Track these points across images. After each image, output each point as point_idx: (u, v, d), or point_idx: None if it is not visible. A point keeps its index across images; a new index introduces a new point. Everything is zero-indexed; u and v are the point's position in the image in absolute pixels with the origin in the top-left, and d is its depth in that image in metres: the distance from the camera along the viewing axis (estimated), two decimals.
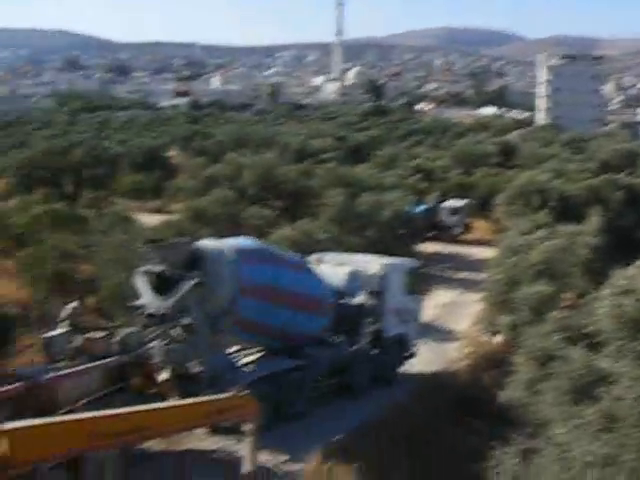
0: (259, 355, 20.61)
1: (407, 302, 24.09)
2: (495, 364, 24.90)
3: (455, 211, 46.06)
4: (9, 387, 13.79)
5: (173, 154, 67.95)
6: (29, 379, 14.30)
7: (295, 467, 16.35)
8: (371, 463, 16.85)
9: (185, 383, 18.25)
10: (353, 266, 22.79)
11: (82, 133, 74.01)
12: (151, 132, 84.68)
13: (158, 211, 46.77)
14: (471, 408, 22.11)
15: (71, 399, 14.86)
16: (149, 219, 37.07)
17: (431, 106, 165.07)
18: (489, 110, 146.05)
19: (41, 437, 11.99)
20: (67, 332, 16.51)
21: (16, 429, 11.59)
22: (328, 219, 34.41)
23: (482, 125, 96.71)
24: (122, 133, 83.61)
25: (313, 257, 23.56)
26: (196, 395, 16.99)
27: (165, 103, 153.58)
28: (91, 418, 13.02)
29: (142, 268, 18.92)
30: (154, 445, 17.12)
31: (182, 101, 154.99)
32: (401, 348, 24.09)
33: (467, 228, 46.68)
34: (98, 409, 14.12)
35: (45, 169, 50.18)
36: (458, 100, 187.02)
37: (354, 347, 22.36)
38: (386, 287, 23.24)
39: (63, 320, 16.97)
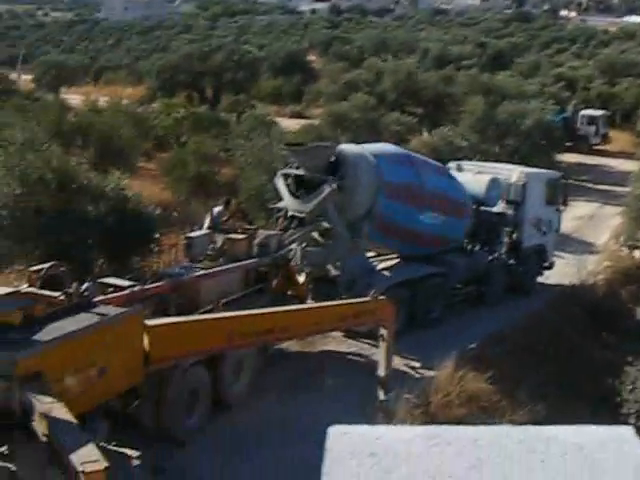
0: (396, 261, 20.44)
1: (546, 213, 23.36)
2: (633, 279, 24.23)
3: (592, 120, 44.43)
4: (154, 285, 14.03)
5: (312, 59, 67.49)
6: (173, 278, 14.52)
7: (429, 373, 16.23)
8: (504, 371, 16.63)
9: (322, 286, 18.33)
10: (493, 174, 22.17)
11: (222, 37, 74.27)
12: (290, 37, 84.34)
13: (297, 116, 46.69)
14: (606, 322, 21.60)
15: (212, 299, 15.04)
16: (288, 123, 37.05)
17: (575, 13, 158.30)
18: (636, 18, 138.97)
19: (181, 335, 12.21)
20: (209, 233, 16.66)
21: (158, 326, 11.82)
22: (468, 126, 33.64)
23: (628, 34, 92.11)
24: (262, 37, 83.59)
25: (452, 164, 23.05)
26: (333, 298, 17.05)
27: (305, 7, 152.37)
28: (231, 317, 13.19)
29: (282, 171, 18.90)
30: (290, 346, 17.32)
31: (322, 5, 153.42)
32: (539, 259, 23.48)
33: (604, 139, 45.03)
34: (237, 309, 14.30)
35: (186, 73, 50.61)
36: (603, 7, 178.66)
37: (492, 256, 21.97)
38: (526, 197, 22.55)
39: (209, 223, 17.14)
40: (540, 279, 23.54)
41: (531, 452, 2.81)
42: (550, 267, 23.81)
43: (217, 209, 18.04)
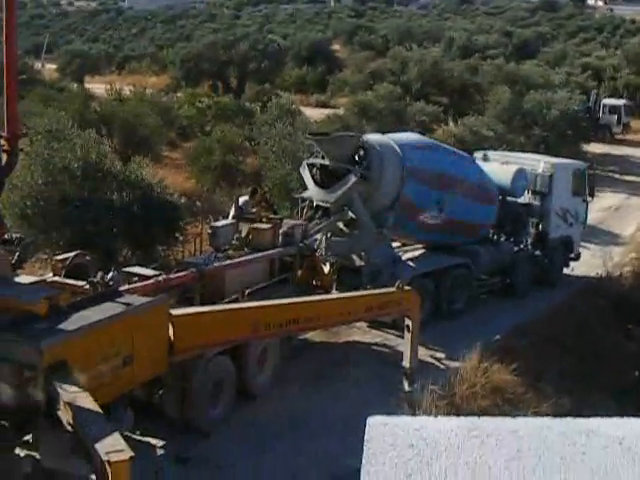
0: (421, 251, 20.37)
1: (573, 204, 23.19)
2: None
3: (614, 110, 44.13)
4: (178, 274, 14.03)
5: (337, 48, 67.35)
6: (198, 267, 14.52)
7: (453, 364, 16.17)
8: (529, 363, 16.55)
9: (347, 276, 18.31)
10: (519, 165, 22.02)
11: (246, 27, 74.29)
12: (315, 26, 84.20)
13: (322, 105, 46.62)
14: (632, 314, 21.44)
15: (236, 288, 15.03)
16: (313, 113, 37.00)
17: (602, 2, 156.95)
18: None
19: (206, 324, 12.21)
20: (233, 223, 16.64)
21: (183, 315, 11.82)
22: (494, 116, 33.50)
23: None
24: (286, 27, 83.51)
25: (478, 154, 22.92)
26: (358, 289, 17.01)
27: None
28: (255, 307, 13.17)
29: (307, 160, 18.85)
30: (315, 336, 17.31)
31: None
32: (565, 250, 23.32)
33: (626, 128, 44.75)
34: (262, 299, 14.29)
35: (210, 63, 50.58)
36: None
37: (518, 247, 21.84)
38: (552, 188, 22.38)
39: (234, 213, 17.14)
40: (566, 270, 23.39)
41: (571, 445, 2.77)
42: (576, 258, 23.65)
43: (243, 198, 18.01)
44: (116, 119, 28.80)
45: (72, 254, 13.04)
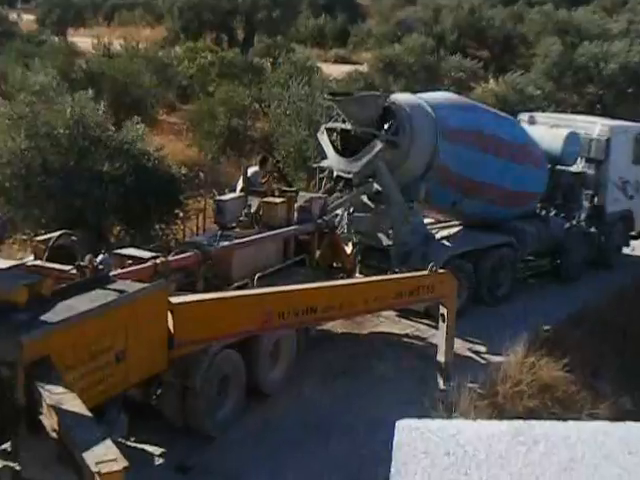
0: (458, 229, 20.34)
1: (634, 173, 23.06)
2: None
3: None
4: (179, 256, 14.04)
5: None
6: (201, 248, 14.53)
7: (495, 359, 16.16)
8: (583, 357, 16.52)
9: (373, 258, 18.35)
10: (571, 128, 21.90)
11: None
12: None
13: (343, 61, 46.51)
14: None
15: (246, 272, 15.04)
16: (333, 70, 36.90)
17: None
18: None
19: (211, 314, 12.21)
20: (242, 197, 16.64)
21: (184, 304, 11.82)
22: (541, 72, 33.34)
23: None
24: None
25: (523, 116, 22.81)
26: (385, 272, 17.01)
27: None
28: (268, 294, 13.17)
29: (326, 125, 18.82)
30: (335, 327, 17.32)
31: None
32: (624, 227, 23.24)
33: None
34: (275, 284, 14.29)
35: (212, 12, 50.41)
36: None
37: (569, 223, 21.76)
38: (610, 154, 22.27)
39: (242, 185, 17.14)
40: (625, 250, 23.31)
41: (633, 453, 2.74)
42: (638, 237, 23.57)
43: (252, 169, 18.00)
44: (105, 78, 28.85)
45: (56, 234, 13.05)
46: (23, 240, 17.10)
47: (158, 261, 13.34)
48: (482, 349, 17.07)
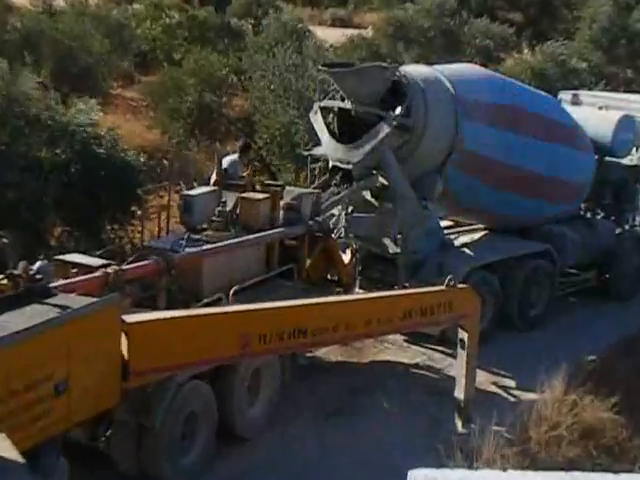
0: (482, 234, 20.37)
1: None
2: None
3: None
4: (136, 264, 14.01)
5: None
6: (163, 254, 14.50)
7: (527, 396, 16.18)
8: (636, 395, 16.52)
9: (377, 268, 18.37)
10: (624, 111, 21.94)
11: None
12: None
13: (342, 24, 46.60)
14: None
15: (219, 284, 15.03)
16: (329, 34, 36.94)
17: None
18: None
19: (175, 337, 12.19)
20: (215, 191, 16.64)
21: (142, 324, 11.80)
22: (588, 40, 33.40)
23: None
24: None
25: (565, 95, 22.84)
26: (392, 286, 17.01)
27: None
28: (246, 313, 13.16)
29: (321, 103, 18.81)
30: (330, 354, 17.33)
31: None
32: None
33: None
34: (255, 300, 14.29)
35: None
36: None
37: (621, 228, 21.79)
38: None
39: (216, 177, 17.13)
40: None
41: None
42: None
43: (230, 157, 17.99)
44: (45, 41, 28.79)
45: None
46: None
47: (110, 270, 13.32)
48: (511, 383, 17.09)
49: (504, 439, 14.19)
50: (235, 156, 18.22)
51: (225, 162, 17.66)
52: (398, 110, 17.81)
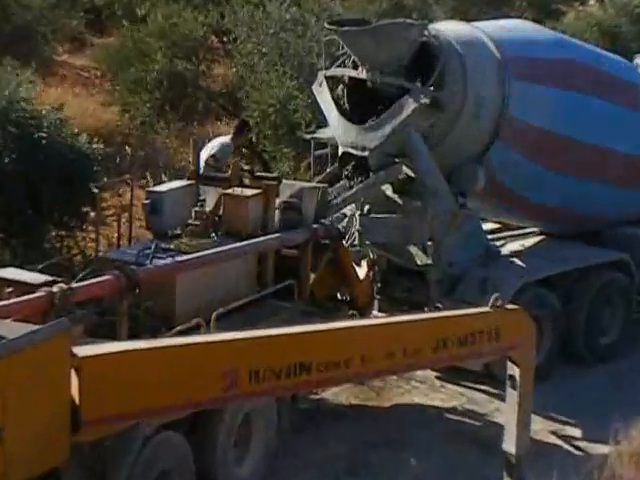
0: (537, 239, 20.38)
1: None
2: None
3: None
4: (90, 282, 14.04)
5: None
6: (123, 269, 14.51)
7: (597, 449, 16.21)
8: None
9: (401, 285, 18.40)
10: None
11: None
12: None
13: None
14: None
15: (196, 307, 15.03)
16: None
17: None
18: None
19: (139, 374, 12.21)
20: (191, 186, 16.67)
21: (95, 357, 11.81)
22: None
23: None
24: None
25: None
26: (421, 308, 17.01)
27: None
28: (230, 342, 13.19)
29: (327, 72, 18.83)
30: (340, 395, 17.36)
31: None
32: None
33: None
34: (244, 326, 14.30)
35: None
36: None
37: None
38: None
39: (192, 168, 17.17)
40: None
41: None
42: None
43: (220, 140, 18.04)
44: None
45: None
46: None
47: (56, 289, 13.37)
48: (575, 433, 17.11)
49: None
50: (227, 138, 18.21)
51: (213, 146, 17.68)
52: (428, 80, 17.86)
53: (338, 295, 17.38)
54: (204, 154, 17.59)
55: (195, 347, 13.10)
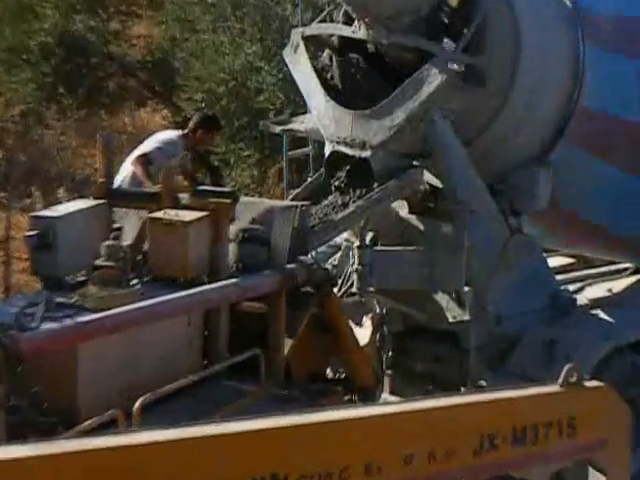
0: (631, 281, 20.49)
1: None
2: None
3: None
4: None
5: None
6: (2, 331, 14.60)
7: None
8: None
9: (423, 352, 18.41)
10: None
11: None
12: None
13: None
14: None
15: (111, 391, 15.12)
16: None
17: None
18: None
19: None
20: (98, 207, 16.72)
21: None
22: None
23: None
24: None
25: None
26: (453, 386, 17.07)
27: None
28: (163, 445, 13.24)
29: (306, 30, 18.89)
30: None
31: None
32: None
33: None
34: (182, 419, 14.34)
35: None
36: None
37: None
38: None
39: (102, 180, 17.24)
40: None
41: None
42: None
43: (166, 135, 18.12)
44: None
45: None
46: None
47: None
48: None
49: None
50: (175, 134, 18.30)
51: (159, 141, 17.75)
52: (459, 41, 17.87)
53: (328, 371, 17.40)
54: (128, 161, 17.63)
55: (110, 453, 13.17)
